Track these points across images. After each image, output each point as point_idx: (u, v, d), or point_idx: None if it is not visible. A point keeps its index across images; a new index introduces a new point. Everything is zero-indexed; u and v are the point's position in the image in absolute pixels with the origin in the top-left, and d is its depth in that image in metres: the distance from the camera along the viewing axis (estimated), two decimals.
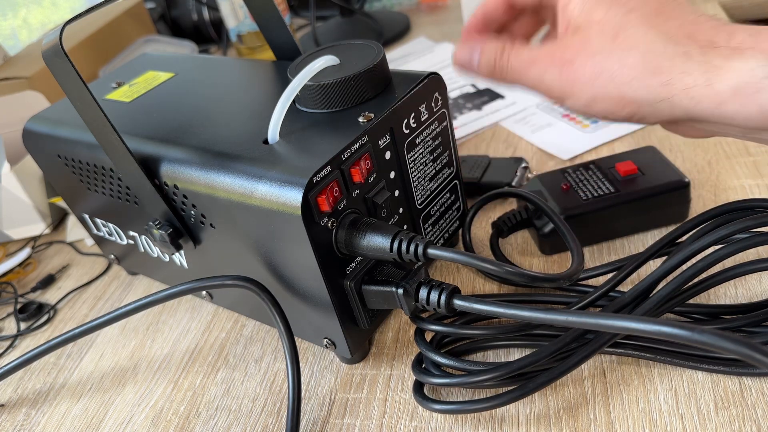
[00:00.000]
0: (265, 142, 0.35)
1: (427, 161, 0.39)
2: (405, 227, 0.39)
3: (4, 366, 0.43)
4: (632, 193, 0.42)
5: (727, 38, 0.28)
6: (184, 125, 0.40)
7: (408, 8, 0.98)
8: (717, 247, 0.32)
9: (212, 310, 0.47)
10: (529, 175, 0.51)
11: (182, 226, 0.39)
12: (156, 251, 0.46)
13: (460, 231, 0.45)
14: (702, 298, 0.37)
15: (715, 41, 0.28)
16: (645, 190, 0.42)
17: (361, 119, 0.35)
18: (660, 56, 0.29)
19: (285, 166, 0.33)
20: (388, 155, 0.36)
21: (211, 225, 0.37)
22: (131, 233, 0.46)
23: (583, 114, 0.33)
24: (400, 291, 0.33)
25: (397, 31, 0.88)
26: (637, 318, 0.25)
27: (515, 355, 0.37)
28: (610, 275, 0.38)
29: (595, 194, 0.42)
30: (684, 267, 0.33)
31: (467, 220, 0.44)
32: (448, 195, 0.43)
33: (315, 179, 0.31)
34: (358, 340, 0.38)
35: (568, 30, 0.32)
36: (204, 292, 0.45)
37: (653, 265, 0.39)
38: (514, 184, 0.50)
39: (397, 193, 0.38)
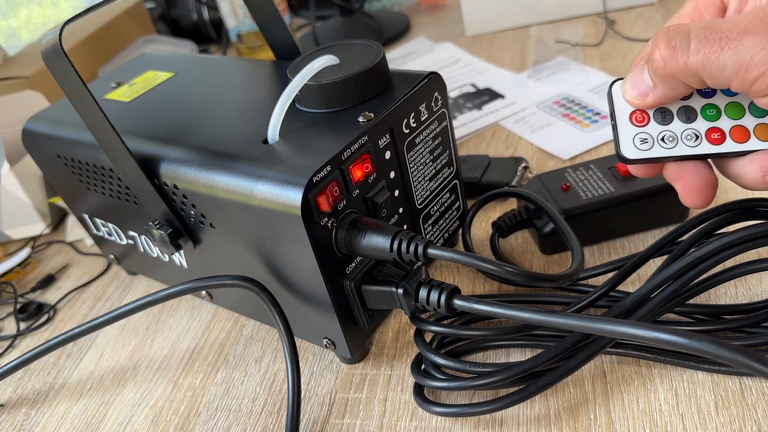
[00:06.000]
0: (265, 141, 0.35)
1: (427, 161, 0.39)
2: (405, 227, 0.39)
3: (4, 366, 0.43)
4: (632, 193, 0.42)
5: None
6: (183, 125, 0.40)
7: (408, 8, 0.98)
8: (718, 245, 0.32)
9: (212, 310, 0.47)
10: (529, 175, 0.51)
11: (182, 226, 0.39)
12: (156, 251, 0.46)
13: (460, 231, 0.45)
14: (702, 298, 0.37)
15: None
16: (645, 189, 0.42)
17: (361, 119, 0.35)
18: None
19: (285, 166, 0.33)
20: (388, 155, 0.36)
21: (210, 225, 0.37)
22: (131, 233, 0.46)
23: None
24: (400, 291, 0.33)
25: (397, 31, 0.88)
26: (635, 324, 0.25)
27: (515, 355, 0.37)
28: (610, 275, 0.38)
29: (595, 194, 0.42)
30: (683, 263, 0.32)
31: (467, 220, 0.44)
32: (448, 195, 0.43)
33: (315, 179, 0.31)
34: (358, 340, 0.38)
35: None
36: (204, 292, 0.45)
37: (653, 265, 0.39)
38: (514, 183, 0.50)
39: (397, 193, 0.38)
